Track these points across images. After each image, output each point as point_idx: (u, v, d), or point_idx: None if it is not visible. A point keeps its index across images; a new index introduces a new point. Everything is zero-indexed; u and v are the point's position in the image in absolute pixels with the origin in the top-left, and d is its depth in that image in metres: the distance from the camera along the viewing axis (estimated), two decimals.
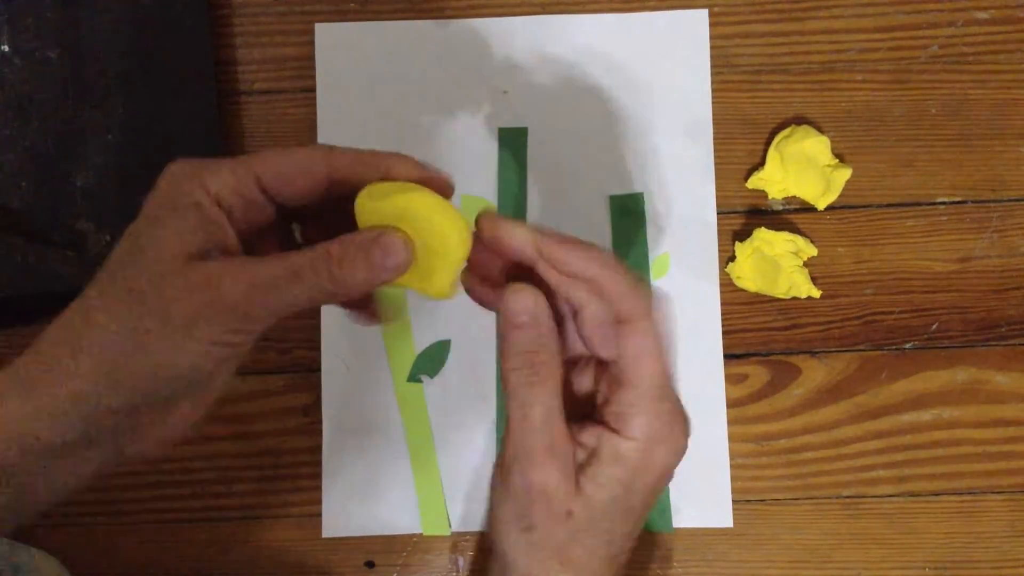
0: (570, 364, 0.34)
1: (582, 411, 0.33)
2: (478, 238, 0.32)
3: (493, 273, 0.33)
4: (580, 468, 0.31)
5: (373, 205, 0.31)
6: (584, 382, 0.34)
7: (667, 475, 0.32)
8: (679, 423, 0.32)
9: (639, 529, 0.33)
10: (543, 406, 0.30)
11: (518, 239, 0.31)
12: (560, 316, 0.33)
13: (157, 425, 0.31)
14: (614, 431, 0.31)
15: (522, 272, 0.32)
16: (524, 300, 0.31)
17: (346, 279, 0.29)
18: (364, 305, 0.35)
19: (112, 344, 0.28)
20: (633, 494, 0.31)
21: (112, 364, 0.28)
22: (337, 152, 0.31)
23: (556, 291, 0.32)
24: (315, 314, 0.50)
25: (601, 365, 0.33)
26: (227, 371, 0.31)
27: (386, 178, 0.31)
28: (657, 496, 0.33)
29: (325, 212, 0.33)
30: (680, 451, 0.32)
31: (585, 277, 0.31)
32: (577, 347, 0.33)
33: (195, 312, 0.28)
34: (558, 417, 0.31)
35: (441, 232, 0.30)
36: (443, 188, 0.32)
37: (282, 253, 0.30)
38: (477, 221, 0.32)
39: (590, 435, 0.31)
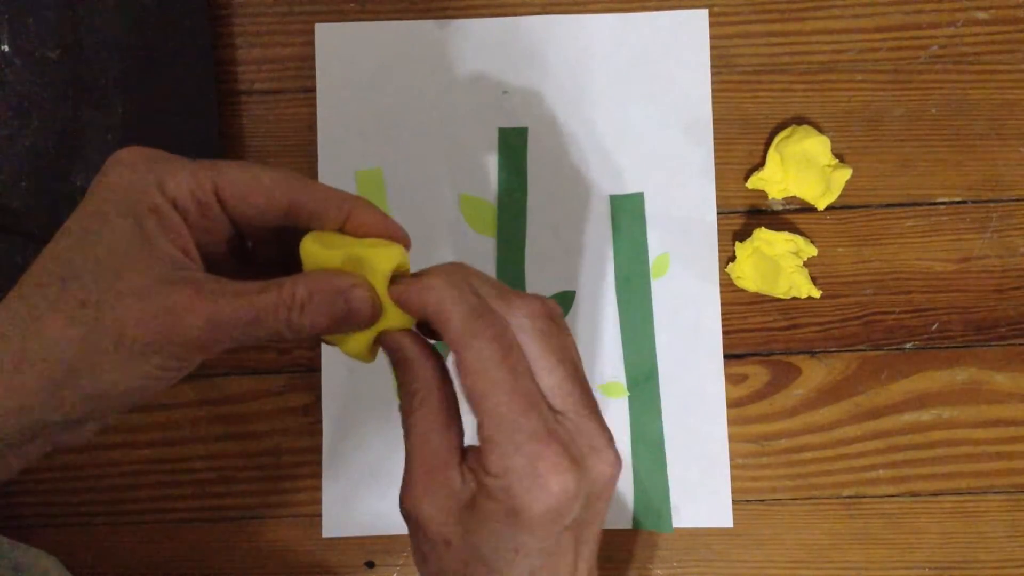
0: None
1: None
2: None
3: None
4: (467, 500, 0.28)
5: (325, 253, 0.29)
6: None
7: (565, 507, 0.28)
8: (551, 458, 0.27)
9: (560, 563, 0.29)
10: (418, 431, 0.29)
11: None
12: None
13: (93, 423, 0.30)
14: (480, 468, 0.29)
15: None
16: (394, 339, 0.30)
17: (304, 327, 0.28)
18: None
19: (60, 361, 0.27)
20: (519, 531, 0.28)
21: (59, 381, 0.27)
22: (306, 185, 0.30)
23: None
24: None
25: None
26: (168, 385, 0.30)
27: (348, 221, 0.31)
28: (578, 528, 0.29)
29: (282, 234, 0.32)
30: (557, 485, 0.27)
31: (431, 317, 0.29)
32: None
33: (151, 339, 0.27)
34: (436, 442, 0.29)
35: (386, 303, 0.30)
36: (400, 242, 0.31)
37: (243, 286, 0.28)
38: (390, 289, 0.30)
39: (473, 467, 0.29)
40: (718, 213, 0.51)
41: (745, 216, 0.51)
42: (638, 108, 0.51)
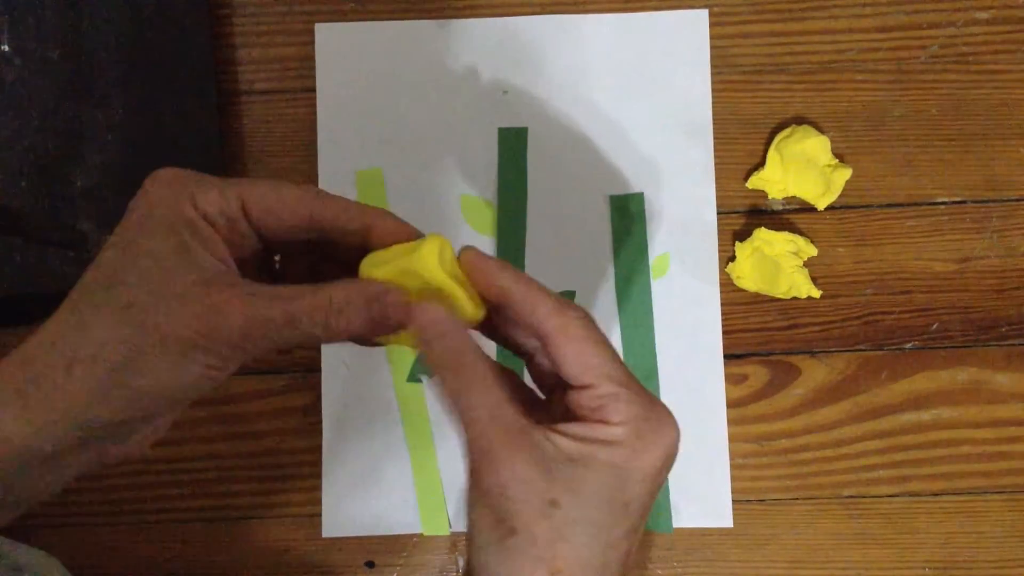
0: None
1: None
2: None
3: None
4: (562, 458, 0.29)
5: (377, 271, 0.31)
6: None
7: (663, 468, 0.29)
8: (662, 411, 0.30)
9: (638, 537, 0.30)
10: (484, 405, 0.29)
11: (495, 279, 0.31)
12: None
13: (141, 431, 0.31)
14: (597, 422, 0.29)
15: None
16: (425, 314, 0.30)
17: (340, 331, 0.29)
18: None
19: (108, 362, 0.28)
20: (631, 485, 0.29)
21: (107, 382, 0.28)
22: (327, 200, 0.31)
23: (513, 339, 0.32)
24: None
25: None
26: (212, 386, 0.31)
27: (369, 233, 0.32)
28: (654, 496, 0.30)
29: (309, 251, 0.33)
30: (670, 441, 0.29)
31: (511, 304, 0.30)
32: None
33: (194, 339, 0.28)
34: (506, 410, 0.29)
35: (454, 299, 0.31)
36: (393, 232, 0.32)
37: (280, 289, 0.29)
38: (460, 258, 0.31)
39: (569, 428, 0.29)
40: (718, 213, 0.51)
41: (745, 216, 0.51)
42: (638, 108, 0.51)
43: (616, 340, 0.50)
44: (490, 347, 0.34)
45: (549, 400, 0.33)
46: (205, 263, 0.29)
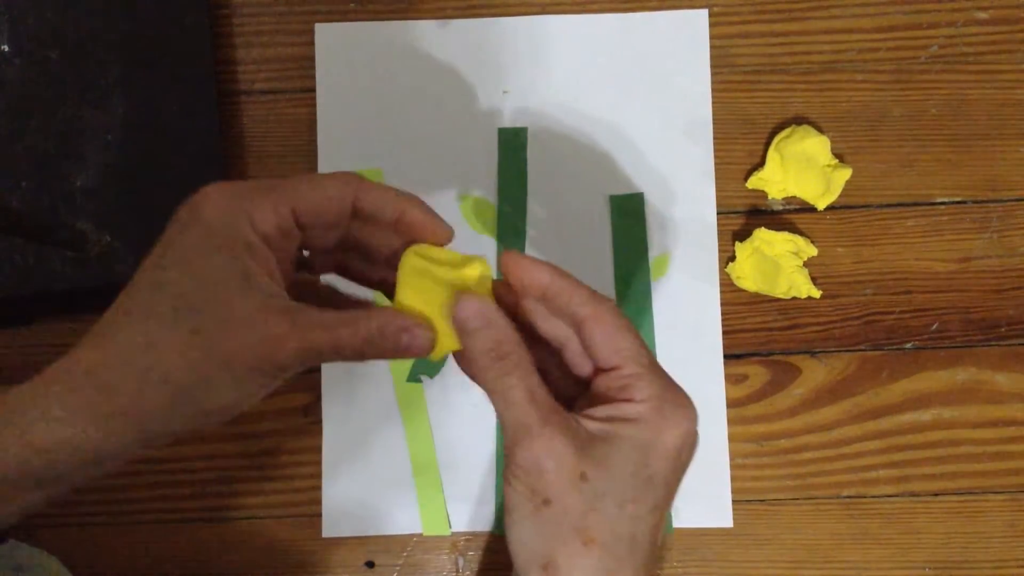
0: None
1: None
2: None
3: None
4: (590, 437, 0.31)
5: (423, 265, 0.33)
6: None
7: (683, 447, 0.31)
8: (682, 394, 0.32)
9: (663, 516, 0.32)
10: (522, 386, 0.31)
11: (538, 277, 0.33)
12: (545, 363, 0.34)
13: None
14: (622, 400, 0.31)
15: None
16: (471, 305, 0.32)
17: (373, 357, 0.32)
18: None
19: (178, 384, 0.30)
20: (653, 460, 0.31)
21: (176, 401, 0.30)
22: (365, 185, 0.33)
23: (541, 332, 0.34)
24: None
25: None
26: (260, 398, 0.34)
27: (400, 218, 0.33)
28: (680, 473, 0.32)
29: (336, 241, 0.35)
30: (689, 422, 0.32)
31: (550, 294, 0.33)
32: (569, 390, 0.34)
33: (254, 364, 0.30)
34: (542, 392, 0.31)
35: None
36: (442, 235, 0.34)
37: (326, 318, 0.31)
38: (502, 260, 0.33)
39: (595, 411, 0.31)
40: (718, 213, 0.51)
41: (745, 216, 0.51)
42: (638, 108, 0.51)
43: None
44: None
45: (572, 399, 0.35)
46: (264, 288, 0.31)
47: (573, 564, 0.30)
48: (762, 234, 0.49)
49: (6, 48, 0.49)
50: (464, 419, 0.50)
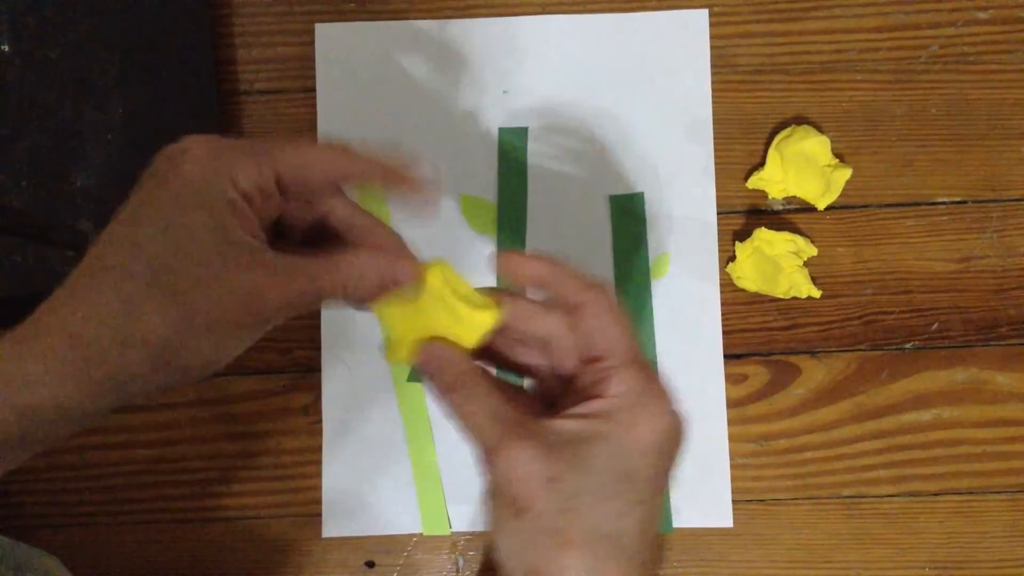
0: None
1: None
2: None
3: None
4: (561, 440, 0.30)
5: (440, 289, 0.33)
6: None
7: (663, 443, 0.31)
8: (660, 389, 0.31)
9: (651, 509, 0.31)
10: (482, 411, 0.31)
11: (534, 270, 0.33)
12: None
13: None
14: (594, 397, 0.31)
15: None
16: (429, 351, 0.33)
17: (359, 299, 0.32)
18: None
19: (159, 342, 0.29)
20: (629, 454, 0.30)
21: (158, 360, 0.30)
22: (354, 157, 0.33)
23: (529, 330, 0.33)
24: (315, 314, 0.50)
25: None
26: (244, 350, 0.33)
27: (383, 177, 0.34)
28: (666, 466, 0.31)
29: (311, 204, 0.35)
30: (666, 418, 0.31)
31: (544, 285, 0.33)
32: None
33: (236, 320, 0.30)
34: (504, 409, 0.31)
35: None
36: (410, 180, 0.34)
37: (307, 264, 0.31)
38: (499, 259, 0.34)
39: (573, 410, 0.31)
40: (718, 213, 0.51)
41: (745, 216, 0.51)
42: (638, 107, 0.51)
43: None
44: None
45: (554, 407, 0.34)
46: (244, 243, 0.30)
47: (554, 568, 0.29)
48: (762, 234, 0.49)
49: (6, 48, 0.49)
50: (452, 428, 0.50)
